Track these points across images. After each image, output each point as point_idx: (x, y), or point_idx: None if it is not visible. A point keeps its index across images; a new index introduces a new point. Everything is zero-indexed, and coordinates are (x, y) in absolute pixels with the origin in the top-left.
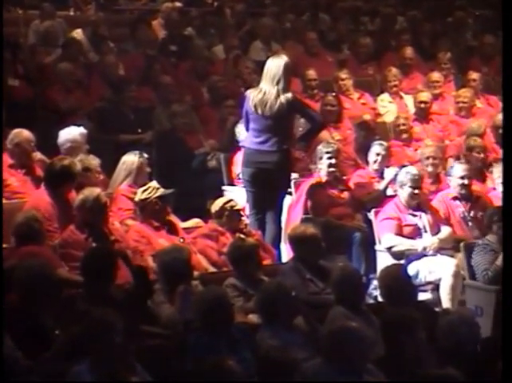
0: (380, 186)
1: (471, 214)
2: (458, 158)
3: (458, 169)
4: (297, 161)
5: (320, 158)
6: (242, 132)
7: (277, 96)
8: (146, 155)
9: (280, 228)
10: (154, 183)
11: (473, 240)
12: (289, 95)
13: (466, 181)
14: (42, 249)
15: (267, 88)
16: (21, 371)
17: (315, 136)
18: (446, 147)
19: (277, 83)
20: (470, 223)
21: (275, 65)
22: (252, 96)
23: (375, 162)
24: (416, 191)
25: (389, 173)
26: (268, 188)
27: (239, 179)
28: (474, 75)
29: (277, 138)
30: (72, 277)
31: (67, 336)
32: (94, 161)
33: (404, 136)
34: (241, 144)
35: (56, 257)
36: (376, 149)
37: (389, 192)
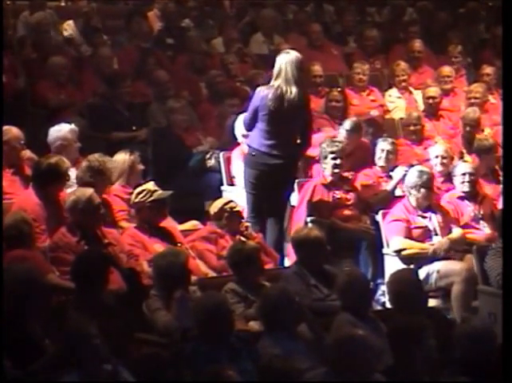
0: (388, 186)
1: (481, 211)
2: (461, 154)
3: (462, 167)
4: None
5: (325, 157)
6: (239, 129)
7: (298, 96)
8: (138, 153)
9: (282, 232)
10: (150, 186)
11: (486, 243)
12: (307, 98)
13: (472, 178)
14: (32, 253)
15: (286, 88)
16: (10, 381)
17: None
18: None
19: (296, 82)
20: (481, 221)
21: (290, 62)
22: (269, 94)
23: (380, 158)
24: (429, 193)
25: (398, 173)
26: (272, 191)
27: (234, 178)
28: (487, 69)
29: (288, 142)
30: (64, 283)
31: (56, 345)
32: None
33: (415, 137)
34: (247, 144)
35: (46, 262)
36: (381, 145)
37: (397, 193)
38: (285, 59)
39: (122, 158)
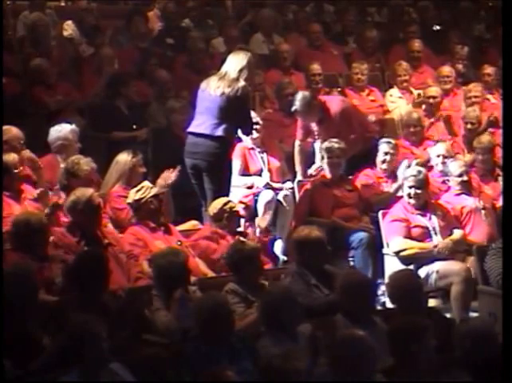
0: (392, 189)
1: (481, 202)
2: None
3: (454, 167)
4: None
5: (323, 158)
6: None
7: (236, 80)
8: (140, 155)
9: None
10: (147, 183)
11: (486, 243)
12: (247, 85)
13: (465, 178)
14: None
15: (227, 72)
16: (10, 381)
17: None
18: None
19: (240, 71)
20: (483, 211)
21: (239, 56)
22: (208, 79)
23: (383, 162)
24: (418, 191)
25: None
26: (205, 177)
27: None
28: (488, 69)
29: (214, 122)
30: (50, 299)
31: (55, 345)
32: (86, 167)
33: (414, 138)
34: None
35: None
36: (385, 148)
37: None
38: (233, 55)
39: (124, 159)
